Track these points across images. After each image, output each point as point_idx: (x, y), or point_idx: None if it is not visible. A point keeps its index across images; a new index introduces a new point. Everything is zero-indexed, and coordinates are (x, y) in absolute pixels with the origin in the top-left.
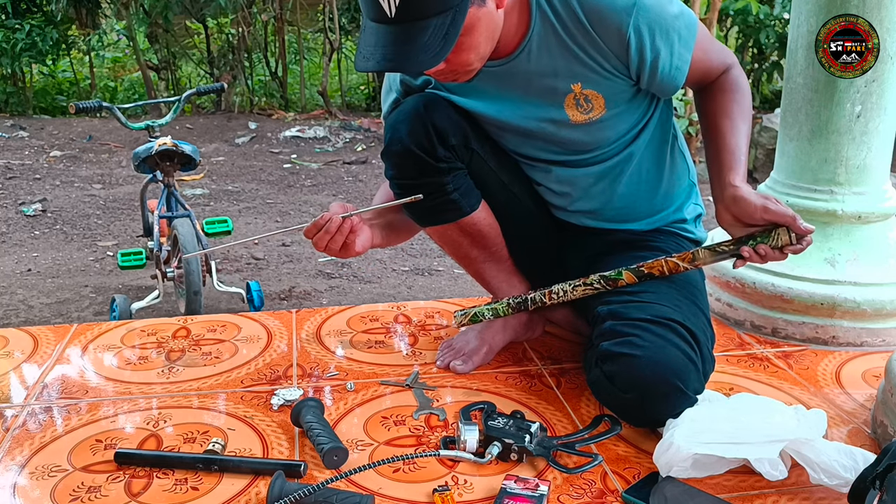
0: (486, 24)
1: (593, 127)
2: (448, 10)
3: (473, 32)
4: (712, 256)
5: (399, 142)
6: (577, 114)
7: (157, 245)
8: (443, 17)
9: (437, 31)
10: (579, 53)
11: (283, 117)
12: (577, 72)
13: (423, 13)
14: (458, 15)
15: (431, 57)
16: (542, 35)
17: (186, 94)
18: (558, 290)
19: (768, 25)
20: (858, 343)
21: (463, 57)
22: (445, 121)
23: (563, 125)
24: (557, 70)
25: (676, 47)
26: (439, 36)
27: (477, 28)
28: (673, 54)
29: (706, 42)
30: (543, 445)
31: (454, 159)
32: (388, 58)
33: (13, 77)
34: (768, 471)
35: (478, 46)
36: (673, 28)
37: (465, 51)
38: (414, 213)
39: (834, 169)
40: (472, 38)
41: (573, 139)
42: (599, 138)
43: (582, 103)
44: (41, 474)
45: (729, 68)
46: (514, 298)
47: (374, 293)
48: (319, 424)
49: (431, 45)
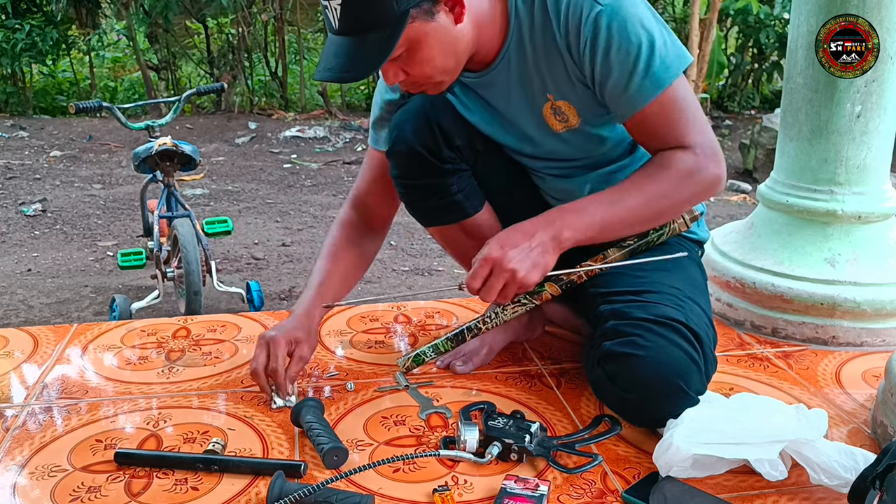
0: (437, 38)
1: (577, 136)
2: (385, 25)
3: (423, 47)
4: (621, 253)
5: (404, 141)
6: (556, 122)
7: (157, 245)
8: (380, 31)
9: (373, 45)
10: (549, 62)
11: (283, 117)
12: (547, 81)
13: (363, 27)
14: (395, 30)
15: (366, 69)
16: (518, 44)
17: (186, 94)
18: (490, 313)
19: (768, 25)
20: (858, 343)
21: (418, 70)
22: (451, 121)
23: (547, 134)
24: (532, 79)
25: (637, 77)
26: (377, 48)
27: (426, 42)
28: (630, 82)
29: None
30: (543, 445)
31: (459, 160)
32: (331, 68)
33: (13, 77)
34: (768, 471)
35: (432, 60)
36: (640, 55)
37: (420, 64)
38: (417, 213)
39: (834, 169)
40: (423, 52)
41: (558, 149)
42: (589, 147)
43: (558, 113)
44: (41, 474)
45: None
46: (451, 333)
47: (374, 293)
48: (319, 424)
49: (368, 58)
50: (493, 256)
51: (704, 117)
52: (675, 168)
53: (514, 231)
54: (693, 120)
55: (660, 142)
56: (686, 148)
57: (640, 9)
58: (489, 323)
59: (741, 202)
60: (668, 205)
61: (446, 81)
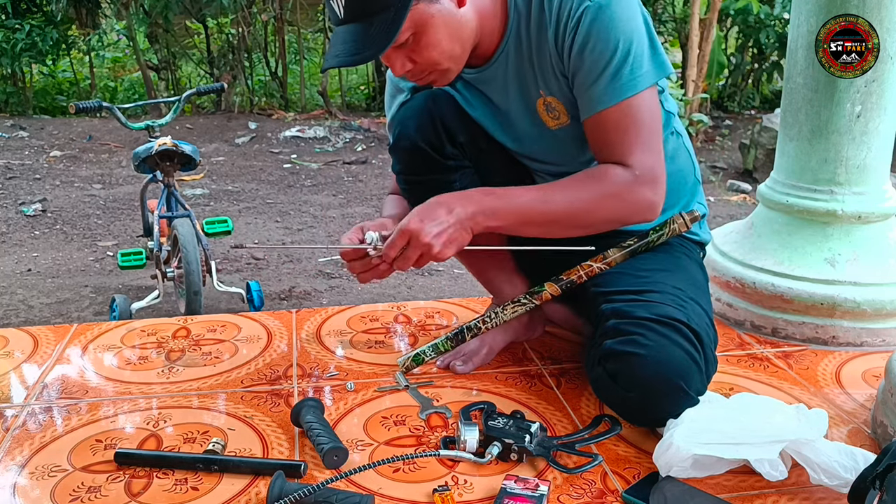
0: (443, 21)
1: (570, 134)
2: (389, 7)
3: (429, 30)
4: (621, 254)
5: (408, 137)
6: (549, 119)
7: (157, 245)
8: (385, 13)
9: (379, 27)
10: (540, 57)
11: (283, 117)
12: (538, 77)
13: (367, 11)
14: (399, 11)
15: (375, 50)
16: (516, 38)
17: (186, 94)
18: (490, 313)
19: (768, 25)
20: (858, 343)
21: (425, 55)
22: (455, 118)
23: (542, 131)
24: (527, 75)
25: (603, 80)
26: (382, 30)
27: (432, 25)
28: (595, 82)
29: (635, 117)
30: (543, 445)
31: (462, 157)
32: (339, 54)
33: (13, 77)
34: (768, 471)
35: (439, 44)
36: (612, 59)
37: (426, 48)
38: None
39: (834, 169)
40: (430, 35)
41: (555, 147)
42: (587, 146)
43: (550, 109)
44: (41, 474)
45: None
46: (451, 333)
47: (374, 293)
48: (319, 424)
49: (375, 39)
50: (412, 229)
51: (659, 139)
52: (606, 183)
53: (435, 204)
54: (644, 138)
55: (606, 152)
56: (626, 166)
57: (629, 11)
58: (488, 323)
59: (741, 202)
60: (589, 219)
61: (453, 69)
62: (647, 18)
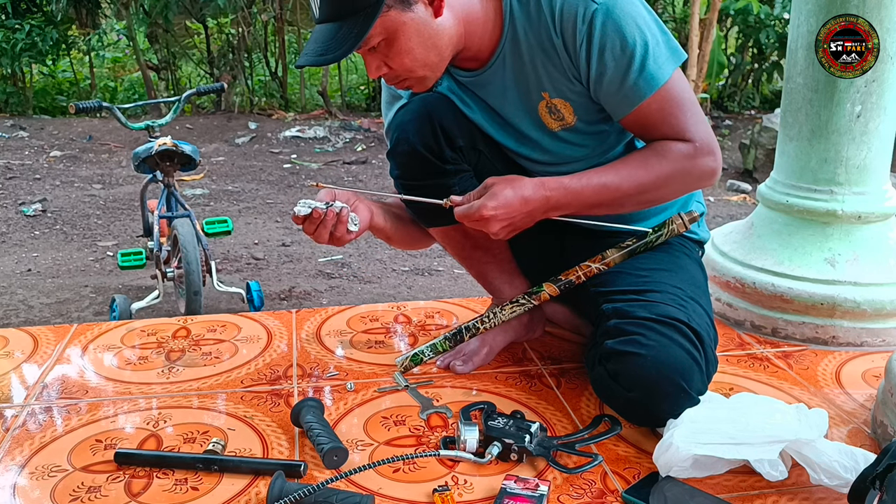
0: (416, 30)
1: (574, 135)
2: (360, 11)
3: (401, 37)
4: (620, 254)
5: (406, 142)
6: (552, 121)
7: (157, 245)
8: (355, 17)
9: (348, 30)
10: (545, 60)
11: (283, 117)
12: (543, 80)
13: (339, 13)
14: (368, 16)
15: (341, 53)
16: (513, 43)
17: (186, 94)
18: (489, 313)
19: (768, 25)
20: (858, 343)
21: (398, 61)
22: (453, 122)
23: (544, 134)
24: (527, 78)
25: (632, 76)
26: (350, 34)
27: (403, 32)
28: (625, 80)
29: (676, 99)
30: (543, 445)
31: (461, 161)
32: (308, 53)
33: (13, 77)
34: (768, 471)
35: (411, 51)
36: (635, 54)
37: (399, 55)
38: (417, 214)
39: (834, 169)
40: (401, 42)
41: (556, 149)
42: (589, 146)
43: (553, 111)
44: (41, 474)
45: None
46: (449, 333)
47: (374, 293)
48: (319, 424)
49: (342, 42)
50: (486, 216)
51: (702, 111)
52: (670, 160)
53: (515, 197)
54: (690, 113)
55: (659, 135)
56: (685, 140)
57: (634, 7)
58: (487, 323)
59: (741, 202)
60: (657, 195)
61: (429, 77)
62: (648, 8)
